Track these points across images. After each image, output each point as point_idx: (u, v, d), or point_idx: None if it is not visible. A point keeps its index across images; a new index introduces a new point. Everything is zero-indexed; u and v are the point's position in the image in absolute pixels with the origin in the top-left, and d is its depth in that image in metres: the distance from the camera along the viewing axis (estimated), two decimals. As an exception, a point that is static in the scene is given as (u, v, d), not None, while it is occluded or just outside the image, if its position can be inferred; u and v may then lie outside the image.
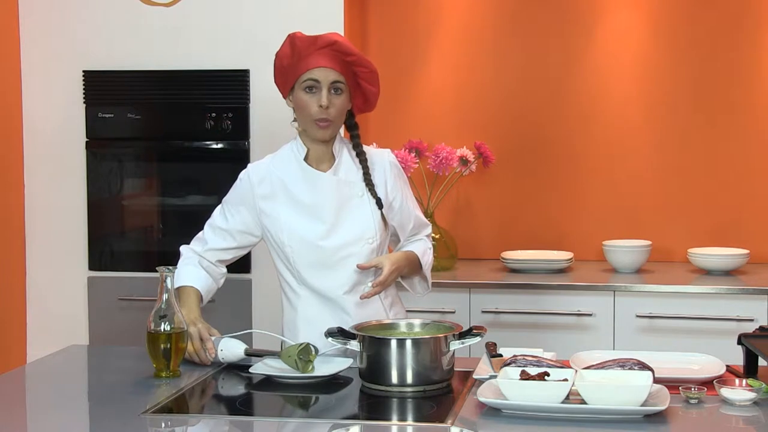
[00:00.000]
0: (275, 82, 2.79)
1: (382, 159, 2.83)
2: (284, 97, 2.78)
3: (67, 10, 4.06)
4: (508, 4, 4.35)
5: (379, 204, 2.74)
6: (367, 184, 2.75)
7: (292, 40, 2.71)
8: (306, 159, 2.77)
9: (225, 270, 2.87)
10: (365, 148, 2.82)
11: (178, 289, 2.72)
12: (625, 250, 4.03)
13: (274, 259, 2.83)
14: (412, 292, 2.92)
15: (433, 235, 3.02)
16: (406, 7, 4.41)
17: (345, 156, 2.78)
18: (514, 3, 4.35)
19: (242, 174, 2.82)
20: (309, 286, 2.76)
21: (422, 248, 2.85)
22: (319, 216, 2.72)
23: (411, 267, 2.81)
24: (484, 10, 4.37)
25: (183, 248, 2.86)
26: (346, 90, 2.70)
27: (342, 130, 2.85)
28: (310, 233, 2.72)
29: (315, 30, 3.95)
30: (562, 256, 4.12)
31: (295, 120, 2.78)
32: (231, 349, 2.60)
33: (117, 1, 4.04)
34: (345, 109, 2.73)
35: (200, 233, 2.87)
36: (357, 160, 2.78)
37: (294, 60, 2.70)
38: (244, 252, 2.88)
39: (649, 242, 4.08)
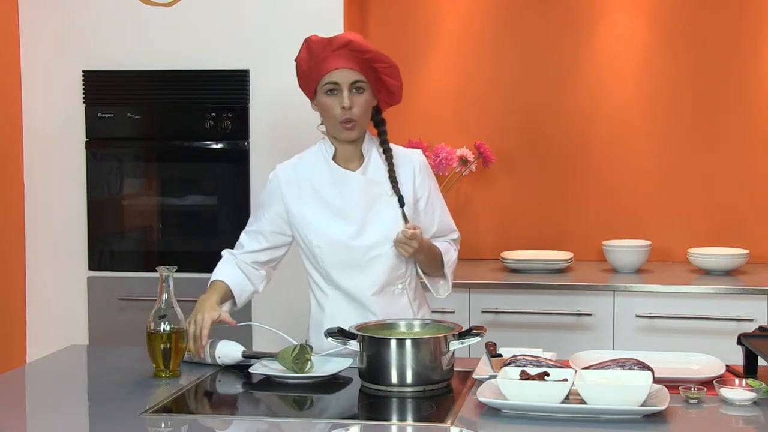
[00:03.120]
0: (300, 87, 2.79)
1: (411, 158, 2.81)
2: (311, 102, 2.78)
3: (67, 10, 4.06)
4: (508, 4, 4.35)
5: (401, 201, 2.72)
6: (390, 180, 2.73)
7: (308, 44, 2.70)
8: (334, 158, 2.76)
9: (264, 273, 2.85)
10: (395, 147, 2.80)
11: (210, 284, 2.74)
12: (625, 250, 4.03)
13: (303, 260, 2.82)
14: (434, 293, 2.87)
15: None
16: (405, 6, 4.41)
17: (374, 155, 2.77)
18: (514, 3, 4.34)
19: (271, 175, 2.82)
20: (337, 287, 2.76)
21: (445, 246, 2.83)
22: (347, 216, 2.72)
23: (431, 258, 2.77)
24: (484, 10, 4.37)
25: (224, 252, 2.86)
26: (367, 88, 2.70)
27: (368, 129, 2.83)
28: (339, 233, 2.71)
29: (315, 30, 3.96)
30: (561, 256, 4.12)
31: (321, 124, 2.77)
32: (228, 352, 2.60)
33: (117, 1, 4.04)
34: (369, 107, 2.72)
35: (237, 245, 2.87)
36: (384, 158, 2.76)
37: (312, 64, 2.69)
38: (279, 252, 2.86)
39: (648, 242, 4.08)
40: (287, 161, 2.85)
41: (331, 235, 2.72)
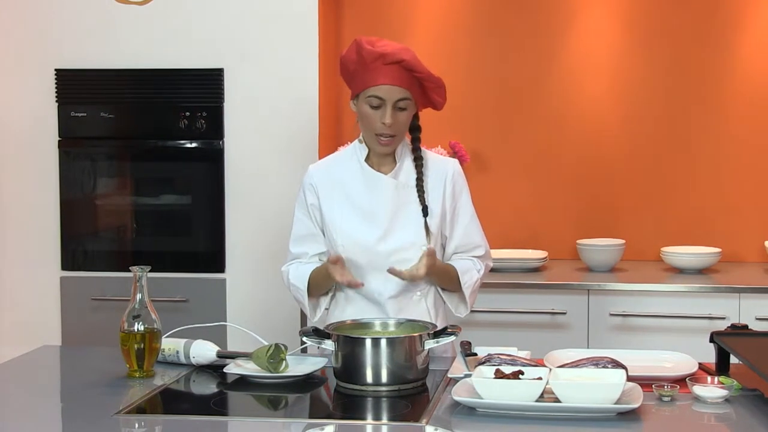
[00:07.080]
0: (343, 78, 2.75)
1: (445, 166, 2.79)
2: (351, 99, 2.74)
3: (39, 8, 4.03)
4: (482, 5, 4.35)
5: (425, 212, 2.70)
6: (417, 189, 2.71)
7: (359, 47, 2.65)
8: (367, 160, 2.74)
9: None
10: (431, 154, 2.80)
11: (310, 283, 2.70)
12: (599, 248, 4.05)
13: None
14: (453, 311, 2.82)
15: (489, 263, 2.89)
16: (381, 6, 4.40)
17: (407, 160, 2.75)
18: (488, 3, 4.35)
19: (304, 177, 2.79)
20: (357, 289, 2.71)
21: (466, 267, 2.77)
22: (374, 219, 2.70)
23: (444, 279, 2.74)
24: (459, 10, 4.37)
25: (284, 267, 2.80)
26: (411, 104, 2.67)
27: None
28: (364, 235, 2.68)
29: (290, 29, 3.96)
30: (536, 255, 4.13)
31: (358, 122, 2.75)
32: (203, 352, 2.59)
33: (90, -1, 4.02)
34: (409, 123, 2.70)
35: (289, 259, 2.80)
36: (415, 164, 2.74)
37: (359, 68, 2.65)
38: None
39: (622, 241, 4.10)
40: (320, 161, 2.85)
41: (355, 236, 2.69)
